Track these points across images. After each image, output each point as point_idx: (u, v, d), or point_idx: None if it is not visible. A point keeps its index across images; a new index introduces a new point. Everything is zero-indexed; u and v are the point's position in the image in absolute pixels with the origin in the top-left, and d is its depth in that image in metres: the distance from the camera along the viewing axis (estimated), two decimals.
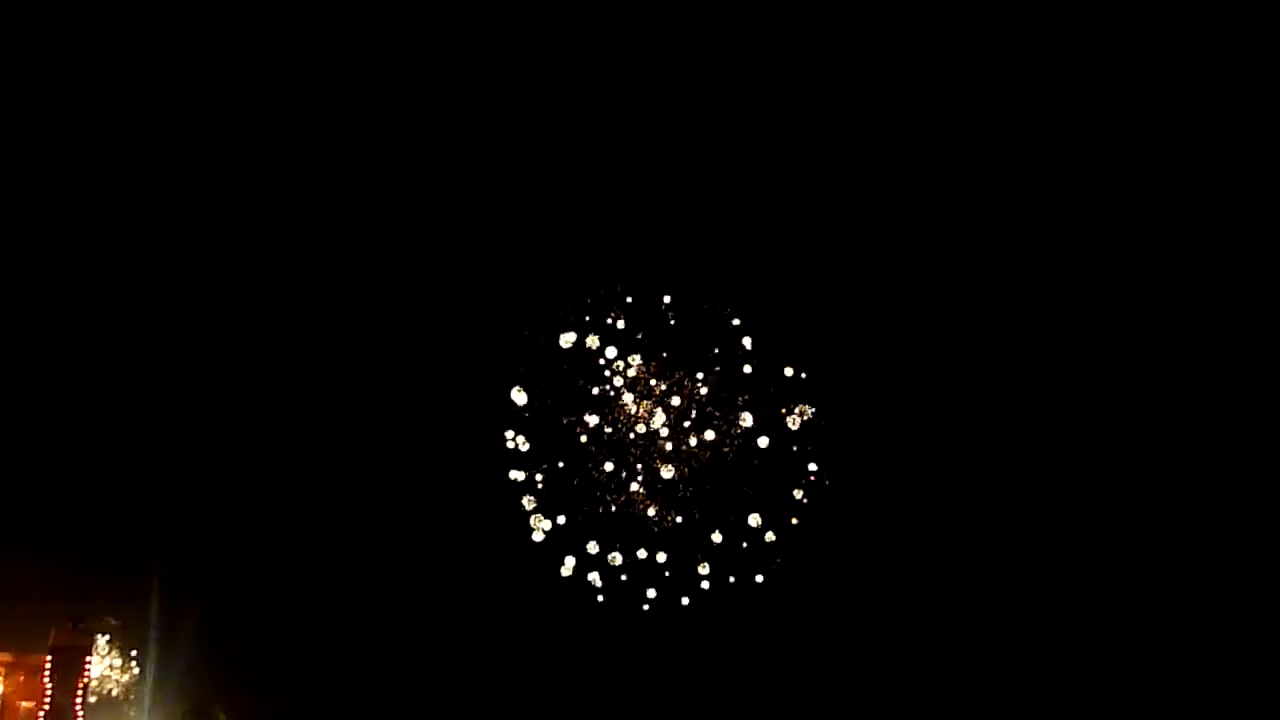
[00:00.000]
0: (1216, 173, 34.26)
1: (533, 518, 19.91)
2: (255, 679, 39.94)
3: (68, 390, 38.09)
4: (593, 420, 19.63)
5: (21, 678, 33.38)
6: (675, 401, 19.62)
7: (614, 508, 20.25)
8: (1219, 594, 34.84)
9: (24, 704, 32.70)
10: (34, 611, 34.05)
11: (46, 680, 32.58)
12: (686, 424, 19.93)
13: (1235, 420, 35.05)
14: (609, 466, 19.96)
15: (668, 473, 19.56)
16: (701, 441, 20.00)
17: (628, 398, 19.80)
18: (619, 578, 20.38)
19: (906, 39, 34.19)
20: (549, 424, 20.56)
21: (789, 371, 20.23)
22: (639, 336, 20.28)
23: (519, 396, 19.39)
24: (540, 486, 20.66)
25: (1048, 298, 36.47)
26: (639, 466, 20.21)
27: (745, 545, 20.18)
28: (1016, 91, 34.54)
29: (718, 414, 20.04)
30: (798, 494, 20.22)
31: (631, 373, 19.69)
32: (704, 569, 20.23)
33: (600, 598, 20.76)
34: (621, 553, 20.17)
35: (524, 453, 20.19)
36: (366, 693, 41.54)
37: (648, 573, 20.58)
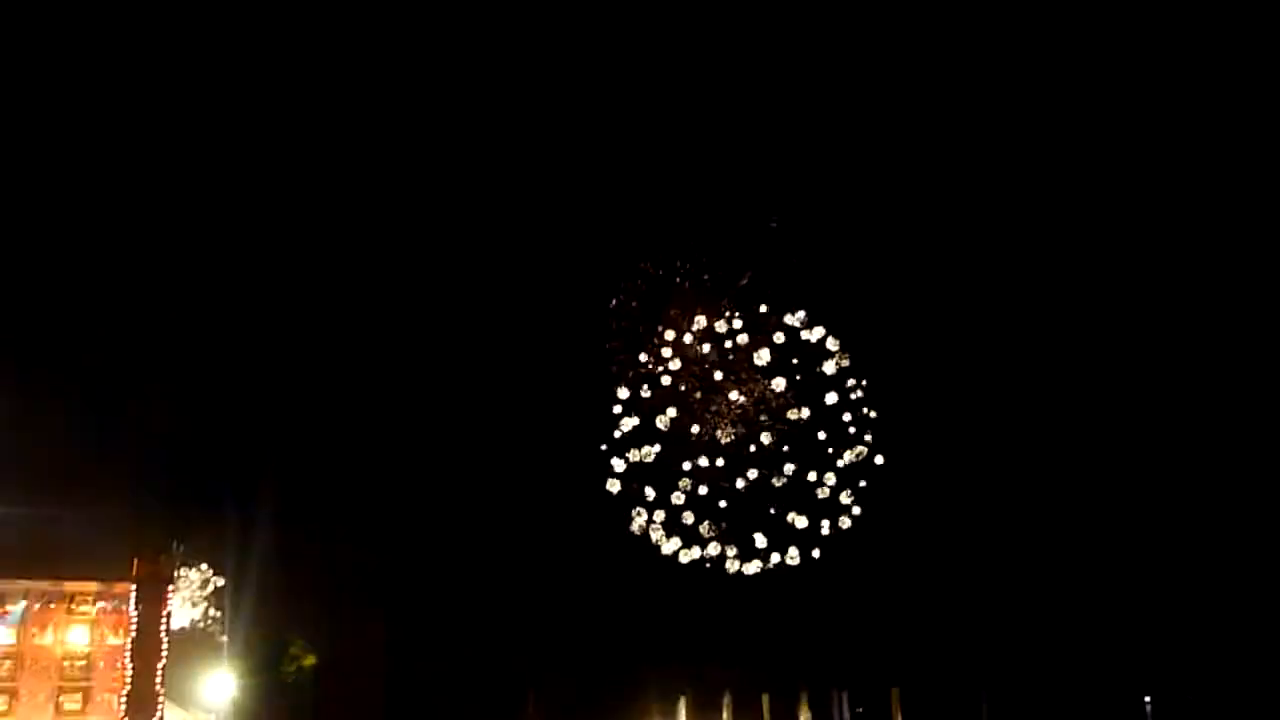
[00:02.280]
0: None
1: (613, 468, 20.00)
2: (333, 611, 40.68)
3: (154, 326, 38.49)
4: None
5: (107, 607, 34.03)
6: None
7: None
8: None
9: (111, 639, 33.46)
10: (118, 542, 34.62)
11: (132, 610, 33.14)
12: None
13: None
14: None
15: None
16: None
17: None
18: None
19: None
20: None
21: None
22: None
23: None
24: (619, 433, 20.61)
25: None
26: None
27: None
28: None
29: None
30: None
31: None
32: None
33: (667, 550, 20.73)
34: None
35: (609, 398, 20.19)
36: (443, 623, 42.21)
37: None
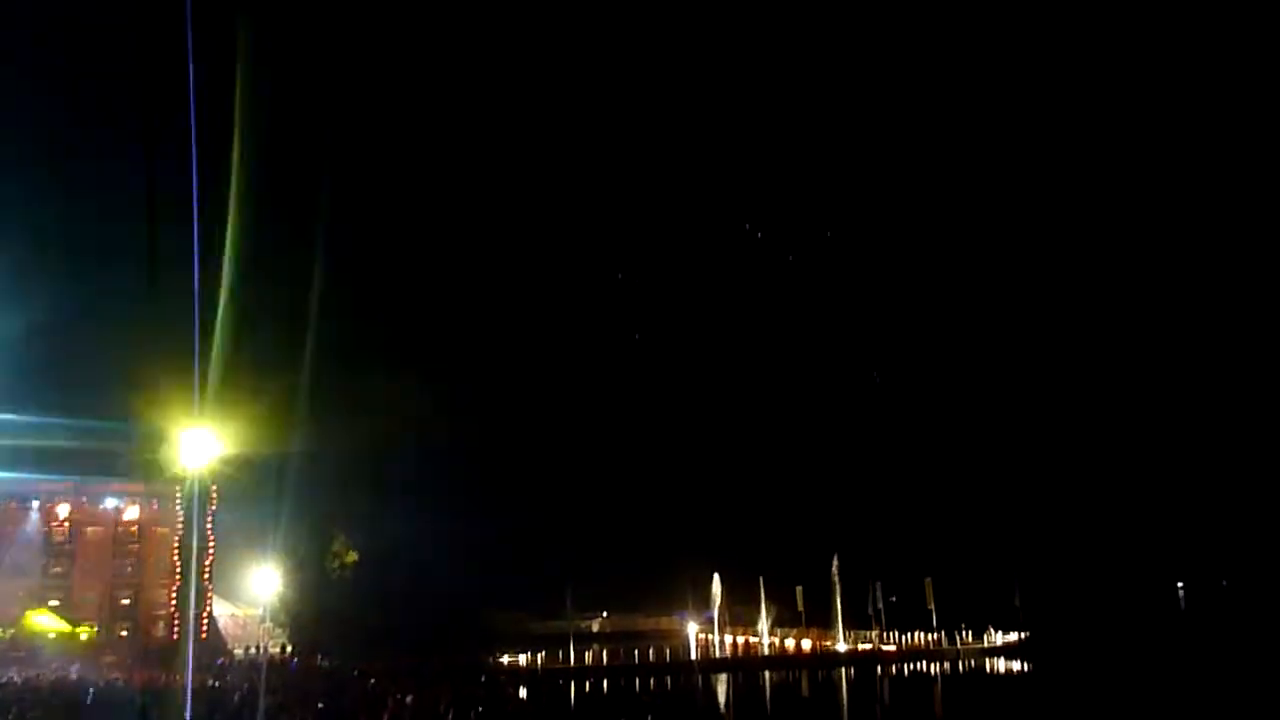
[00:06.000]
0: None
1: None
2: (374, 510, 41.74)
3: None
4: None
5: (154, 506, 34.84)
6: None
7: None
8: None
9: (159, 529, 34.27)
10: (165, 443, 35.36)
11: (178, 507, 33.91)
12: None
13: None
14: None
15: None
16: None
17: None
18: None
19: None
20: None
21: None
22: None
23: None
24: None
25: None
26: None
27: None
28: None
29: None
30: None
31: None
32: None
33: None
34: None
35: None
36: (481, 521, 43.02)
37: None
